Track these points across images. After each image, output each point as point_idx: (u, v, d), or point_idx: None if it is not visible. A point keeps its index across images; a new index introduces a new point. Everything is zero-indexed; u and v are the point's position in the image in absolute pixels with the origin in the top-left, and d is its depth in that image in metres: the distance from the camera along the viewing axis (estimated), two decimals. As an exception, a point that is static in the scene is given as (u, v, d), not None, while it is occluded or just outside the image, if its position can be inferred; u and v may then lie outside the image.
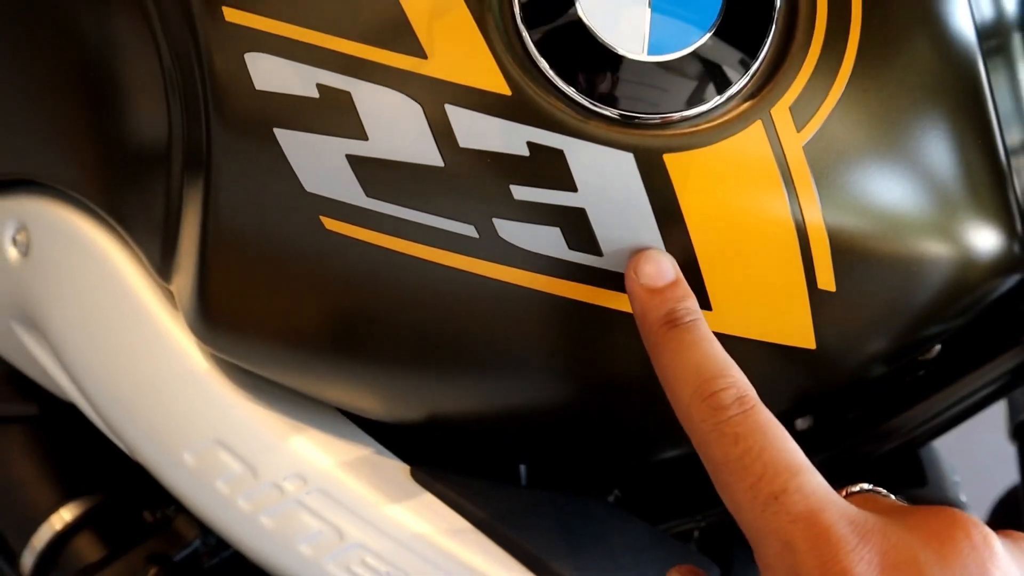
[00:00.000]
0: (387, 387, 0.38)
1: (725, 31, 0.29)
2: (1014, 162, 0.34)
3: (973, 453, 0.64)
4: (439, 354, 0.35)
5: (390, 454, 0.41)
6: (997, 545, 0.27)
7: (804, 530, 0.27)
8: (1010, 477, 0.60)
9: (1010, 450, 0.59)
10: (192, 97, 0.32)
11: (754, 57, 0.29)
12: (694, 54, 0.28)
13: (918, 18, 0.31)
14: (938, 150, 0.31)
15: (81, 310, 0.47)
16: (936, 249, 0.33)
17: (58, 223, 0.47)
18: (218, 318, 0.37)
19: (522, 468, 0.46)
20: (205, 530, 0.57)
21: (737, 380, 0.29)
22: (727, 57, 0.29)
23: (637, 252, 0.30)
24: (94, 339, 0.47)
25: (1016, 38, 0.36)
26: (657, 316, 0.30)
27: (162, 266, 0.40)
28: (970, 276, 0.34)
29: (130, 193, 0.41)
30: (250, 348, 0.38)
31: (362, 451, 0.41)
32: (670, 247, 0.30)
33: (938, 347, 0.47)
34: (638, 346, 0.32)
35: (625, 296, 0.31)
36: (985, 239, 0.34)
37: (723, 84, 0.29)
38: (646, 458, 0.44)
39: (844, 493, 0.30)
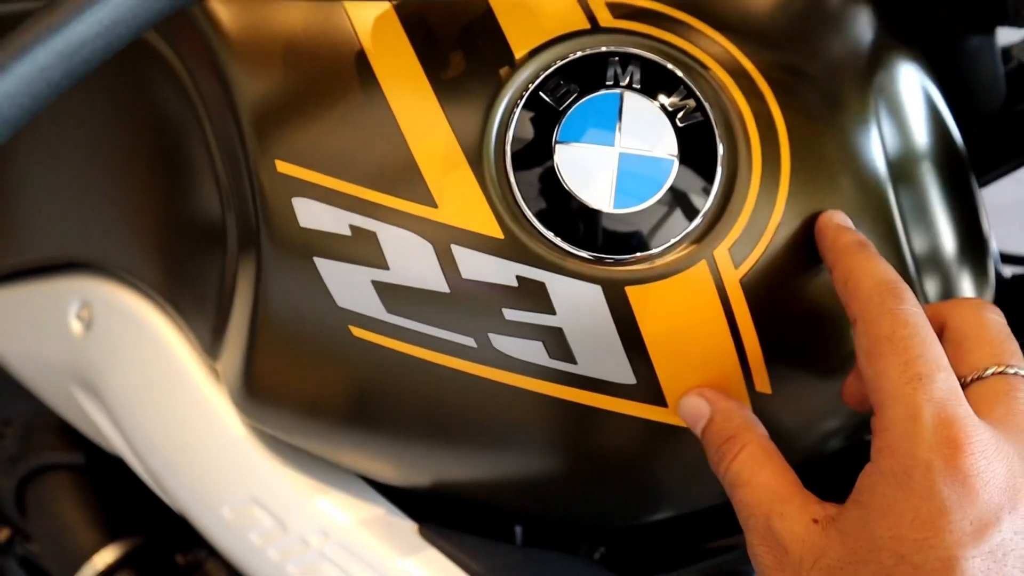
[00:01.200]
0: (399, 458, 0.45)
1: (676, 190, 0.36)
2: (916, 279, 0.40)
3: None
4: (443, 435, 0.42)
5: (401, 513, 0.47)
6: None
7: (935, 410, 0.31)
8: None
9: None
10: (246, 220, 0.39)
11: (699, 210, 0.36)
12: (651, 207, 0.36)
13: (838, 167, 0.38)
14: None
15: (136, 381, 0.54)
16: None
17: (118, 303, 0.54)
18: (259, 395, 0.43)
19: (518, 528, 0.52)
20: (233, 573, 0.63)
21: (910, 290, 0.34)
22: (678, 209, 0.36)
23: (830, 212, 0.37)
24: (146, 407, 0.54)
25: (923, 167, 0.42)
26: (848, 240, 0.35)
27: (211, 347, 0.47)
28: None
29: (186, 286, 0.48)
30: (284, 421, 0.45)
31: (377, 510, 0.48)
32: (630, 359, 0.37)
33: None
34: (608, 437, 0.39)
35: (597, 394, 0.38)
36: None
37: (675, 231, 0.36)
38: (624, 524, 0.50)
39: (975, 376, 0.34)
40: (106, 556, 0.63)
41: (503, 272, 0.36)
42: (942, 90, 0.45)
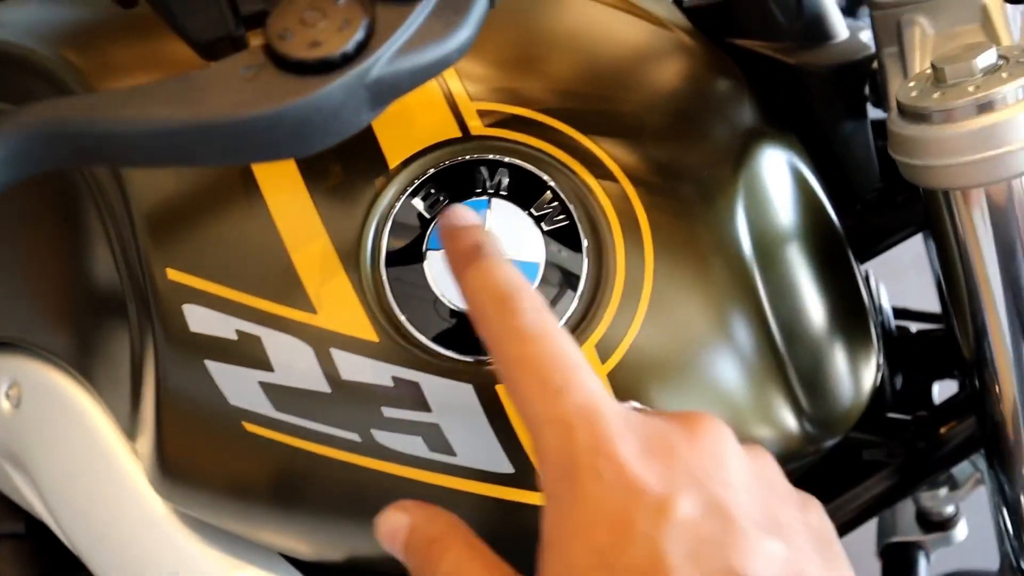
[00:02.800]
0: (311, 538, 0.46)
1: (541, 292, 0.38)
2: (787, 356, 0.42)
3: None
4: (345, 519, 0.43)
5: None
6: (731, 435, 0.32)
7: (583, 415, 0.30)
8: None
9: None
10: (142, 319, 0.41)
11: (564, 311, 0.38)
12: (518, 310, 0.37)
13: (701, 258, 0.40)
14: (723, 364, 0.40)
15: (62, 459, 0.56)
16: None
17: (44, 382, 0.55)
18: (171, 479, 0.45)
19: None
20: None
21: (532, 292, 0.32)
22: (544, 309, 0.38)
23: (449, 208, 0.36)
24: (71, 485, 0.55)
25: (791, 247, 0.44)
26: (460, 249, 0.34)
27: (129, 428, 0.48)
28: (771, 452, 0.42)
29: (102, 368, 0.50)
30: (197, 502, 0.46)
31: (293, 587, 0.50)
32: (506, 450, 0.39)
33: None
34: (496, 520, 0.40)
35: (478, 482, 0.40)
36: (777, 427, 0.42)
37: (541, 330, 0.38)
38: None
39: None
40: (46, 622, 0.65)
41: (379, 374, 0.38)
42: (819, 172, 0.47)
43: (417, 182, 0.38)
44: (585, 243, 0.38)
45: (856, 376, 0.46)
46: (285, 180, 0.39)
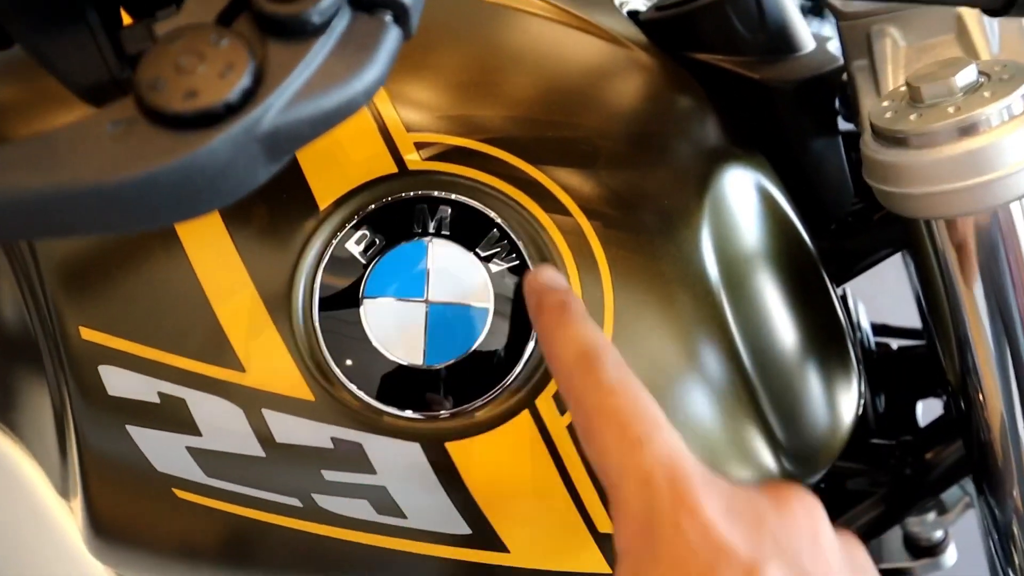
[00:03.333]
0: None
1: (492, 340, 0.35)
2: (761, 388, 0.39)
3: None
4: None
5: None
6: (822, 512, 0.31)
7: (665, 470, 0.29)
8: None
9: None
10: (58, 382, 0.38)
11: (518, 360, 0.35)
12: (465, 360, 0.35)
13: (664, 292, 0.37)
14: (693, 401, 0.37)
15: (-3, 521, 0.52)
16: None
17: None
18: (105, 542, 0.42)
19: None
20: None
21: (613, 349, 0.32)
22: (495, 360, 0.35)
23: (536, 268, 0.35)
24: (5, 544, 0.52)
25: (761, 271, 0.41)
26: (547, 310, 0.33)
27: (61, 488, 0.45)
28: None
29: (28, 426, 0.46)
30: (136, 566, 0.43)
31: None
32: (461, 511, 0.35)
33: None
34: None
35: (434, 544, 0.37)
36: (754, 464, 0.39)
37: (493, 382, 0.35)
38: None
39: None
40: None
41: (317, 435, 0.34)
42: (790, 192, 0.45)
43: (351, 223, 0.35)
44: None
45: (836, 405, 0.43)
46: (205, 227, 0.35)
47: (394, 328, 0.34)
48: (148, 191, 0.20)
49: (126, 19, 0.27)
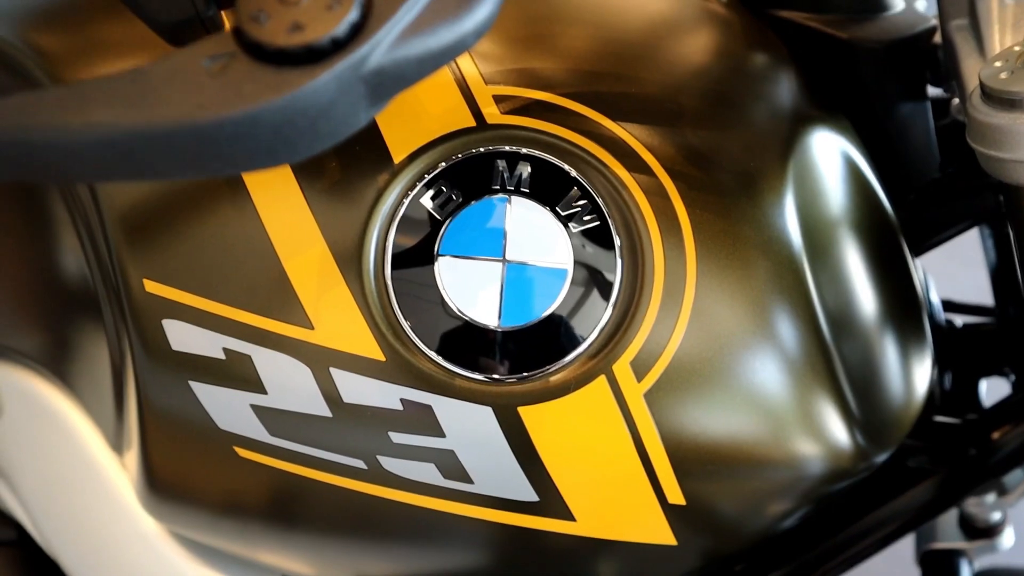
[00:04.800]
0: (313, 559, 0.43)
1: (570, 302, 0.34)
2: (839, 360, 0.38)
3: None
4: (348, 543, 0.39)
5: None
6: None
7: None
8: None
9: None
10: (119, 335, 0.37)
11: (595, 324, 0.34)
12: (541, 323, 0.33)
13: (748, 257, 0.35)
14: (771, 374, 0.36)
15: (46, 471, 0.52)
16: (779, 462, 0.37)
17: (29, 391, 0.51)
18: (159, 497, 0.41)
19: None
20: None
21: None
22: (572, 324, 0.34)
23: None
24: (56, 497, 0.52)
25: (843, 238, 0.39)
26: None
27: (115, 442, 0.45)
28: (820, 475, 0.38)
29: (84, 379, 0.46)
30: (190, 522, 0.43)
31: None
32: (530, 478, 0.34)
33: None
34: (516, 550, 0.36)
35: (499, 511, 0.36)
36: (828, 441, 0.38)
37: (569, 346, 0.33)
38: None
39: None
40: (44, 630, 0.62)
41: (386, 396, 0.33)
42: (873, 158, 0.43)
43: (426, 178, 0.34)
44: (619, 245, 0.34)
45: (909, 378, 0.42)
46: (276, 179, 0.34)
47: (469, 287, 0.33)
48: (248, 132, 0.19)
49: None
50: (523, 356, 0.33)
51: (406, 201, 0.34)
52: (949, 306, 0.63)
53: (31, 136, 0.19)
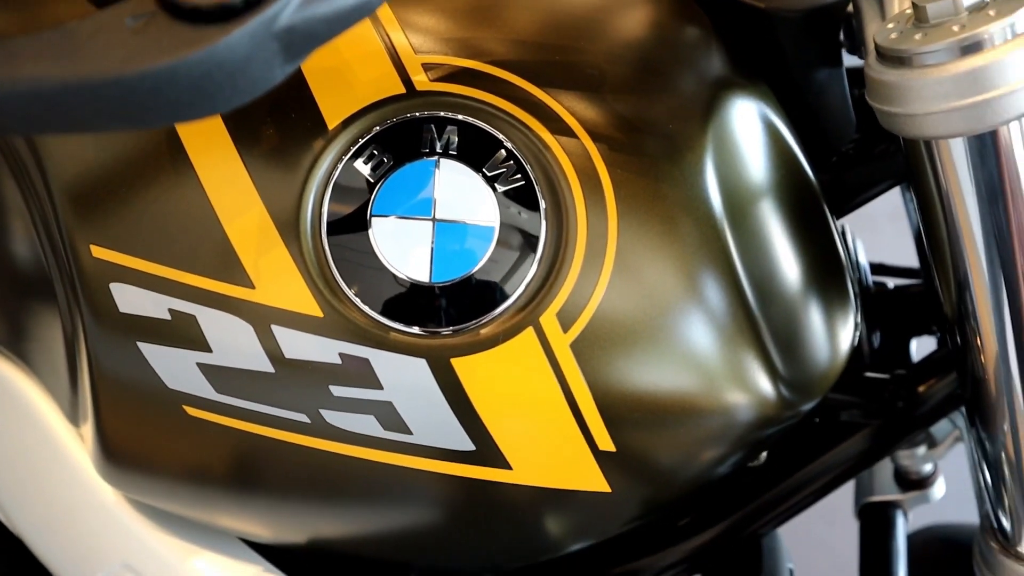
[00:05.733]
0: (266, 521, 0.44)
1: (497, 258, 0.35)
2: (761, 316, 0.40)
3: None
4: (298, 500, 0.41)
5: (277, 571, 0.47)
6: None
7: None
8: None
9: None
10: (68, 301, 0.38)
11: (522, 278, 0.36)
12: (470, 278, 0.35)
13: (668, 217, 0.37)
14: (694, 328, 0.38)
15: (5, 448, 0.53)
16: (704, 409, 0.39)
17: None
18: (115, 464, 0.43)
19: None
20: None
21: None
22: (500, 278, 0.36)
23: None
24: (18, 475, 0.53)
25: (763, 202, 0.41)
26: None
27: (71, 415, 0.46)
28: (744, 419, 0.41)
29: (38, 353, 0.47)
30: (146, 488, 0.44)
31: (252, 568, 0.48)
32: (465, 427, 0.36)
33: (764, 454, 0.53)
34: (458, 498, 0.38)
35: (438, 461, 0.38)
36: (752, 391, 0.40)
37: (498, 300, 0.35)
38: (507, 567, 0.50)
39: None
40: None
41: (325, 350, 0.35)
42: (793, 123, 0.45)
43: (360, 142, 0.35)
44: (543, 204, 0.36)
45: (833, 336, 0.44)
46: (215, 146, 0.36)
47: (401, 246, 0.35)
48: (168, 84, 0.20)
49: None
50: (454, 310, 0.35)
51: (340, 165, 0.36)
52: (882, 269, 0.66)
53: None
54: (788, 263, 0.42)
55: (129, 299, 0.36)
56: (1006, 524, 0.44)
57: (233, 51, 0.21)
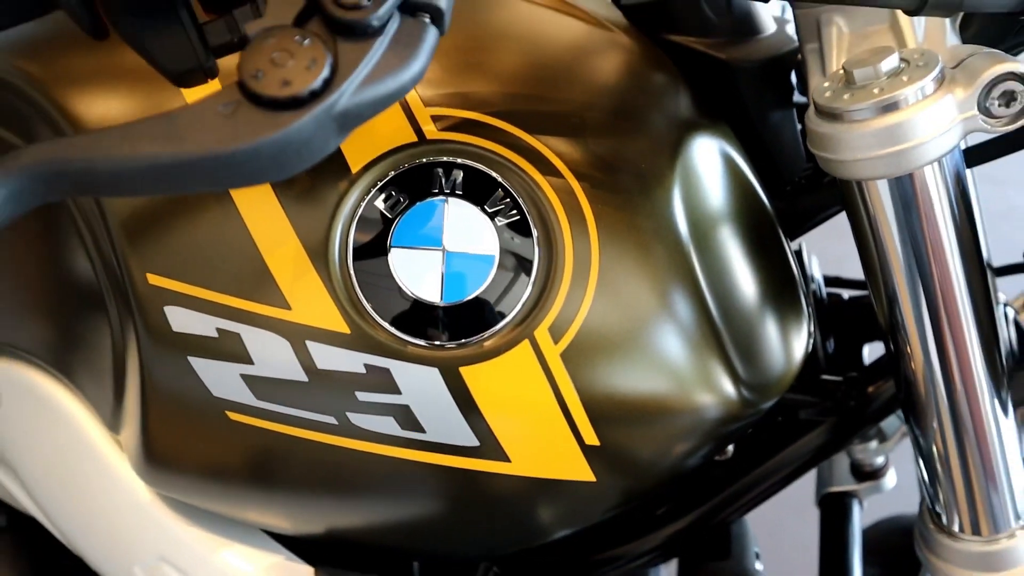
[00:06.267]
0: (290, 514, 0.50)
1: (498, 282, 0.42)
2: (724, 328, 0.46)
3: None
4: (324, 495, 0.47)
5: (298, 560, 0.52)
6: None
7: None
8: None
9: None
10: (124, 321, 0.44)
11: (519, 298, 0.42)
12: (475, 299, 0.41)
13: (642, 243, 0.43)
14: (666, 339, 0.44)
15: (46, 455, 0.58)
16: (675, 408, 0.45)
17: (25, 382, 0.58)
18: (157, 465, 0.48)
19: (415, 564, 0.58)
20: None
21: None
22: (499, 299, 0.42)
23: None
24: (57, 479, 0.58)
25: (724, 228, 0.47)
26: None
27: (112, 422, 0.51)
28: (713, 416, 0.47)
29: (82, 368, 0.52)
30: (183, 486, 0.50)
31: (275, 558, 0.53)
32: (471, 425, 0.42)
33: (731, 448, 0.59)
34: (463, 489, 0.44)
35: (447, 455, 0.43)
36: (718, 393, 0.46)
37: (499, 317, 0.42)
38: (506, 552, 0.56)
39: None
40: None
41: (352, 362, 0.41)
42: (750, 158, 0.51)
43: (379, 184, 0.42)
44: (536, 234, 0.42)
45: (788, 344, 0.50)
46: (255, 188, 0.41)
47: (416, 272, 0.41)
48: (253, 158, 0.26)
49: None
50: (462, 326, 0.41)
51: (363, 203, 0.42)
52: (837, 282, 0.72)
53: (94, 166, 0.26)
54: (747, 281, 0.48)
55: (182, 320, 0.41)
56: (940, 508, 0.50)
57: (302, 132, 0.27)
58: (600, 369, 0.43)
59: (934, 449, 0.49)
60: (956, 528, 0.49)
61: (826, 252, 0.74)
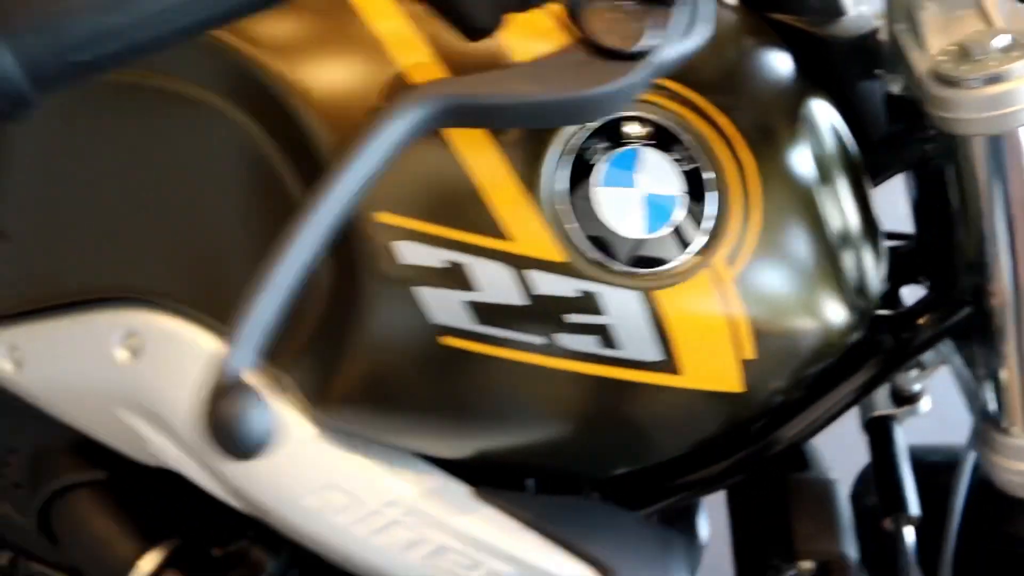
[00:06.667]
0: (457, 437, 0.55)
1: (684, 218, 0.49)
2: (839, 249, 0.55)
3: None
4: (504, 416, 0.53)
5: (457, 480, 0.58)
6: None
7: None
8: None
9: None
10: (343, 259, 0.48)
11: (701, 233, 0.49)
12: (667, 233, 0.49)
13: (790, 183, 0.52)
14: (810, 262, 0.52)
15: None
16: (813, 325, 0.54)
17: (167, 330, 0.60)
18: (339, 400, 0.52)
19: (529, 481, 0.64)
20: (274, 556, 0.70)
21: None
22: (686, 232, 0.49)
23: None
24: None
25: (834, 172, 0.56)
26: None
27: (275, 357, 0.53)
28: (834, 336, 0.55)
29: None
30: (360, 418, 0.54)
31: (437, 481, 0.58)
32: (660, 342, 0.49)
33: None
34: (636, 402, 0.51)
35: (634, 370, 0.50)
36: (838, 312, 0.55)
37: (685, 248, 0.49)
38: (622, 470, 0.63)
39: None
40: (149, 561, 0.68)
41: (566, 287, 0.48)
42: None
43: (582, 135, 0.48)
44: (711, 177, 0.49)
45: (875, 276, 0.59)
46: (472, 131, 0.47)
47: (619, 209, 0.48)
48: (605, 100, 0.32)
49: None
50: (656, 255, 0.49)
51: (571, 147, 0.48)
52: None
53: (482, 100, 0.31)
54: (852, 219, 0.57)
55: (408, 253, 0.47)
56: (997, 410, 0.60)
57: (637, 80, 0.33)
58: (764, 290, 0.51)
59: (1000, 374, 0.58)
60: (1016, 429, 0.59)
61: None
